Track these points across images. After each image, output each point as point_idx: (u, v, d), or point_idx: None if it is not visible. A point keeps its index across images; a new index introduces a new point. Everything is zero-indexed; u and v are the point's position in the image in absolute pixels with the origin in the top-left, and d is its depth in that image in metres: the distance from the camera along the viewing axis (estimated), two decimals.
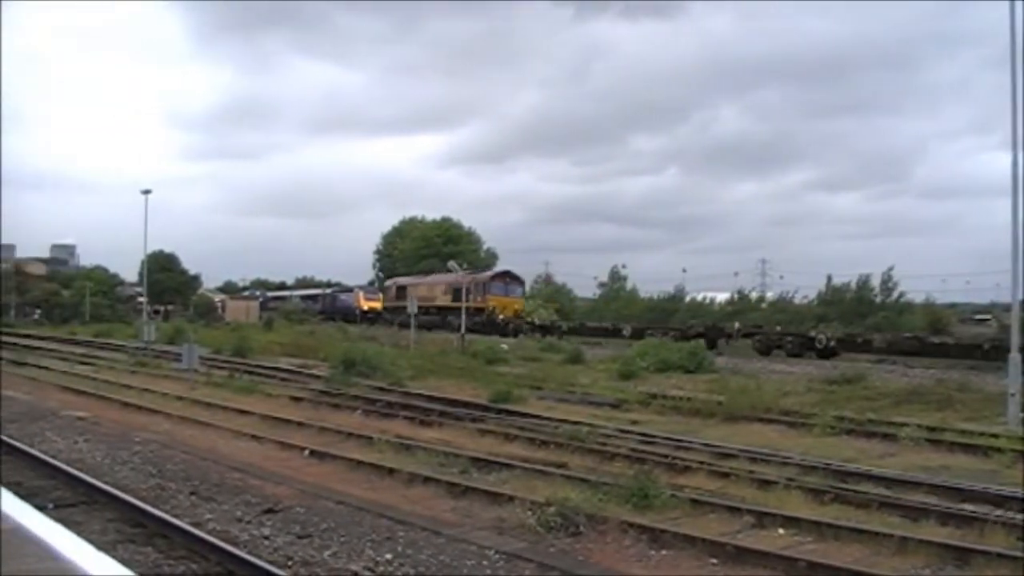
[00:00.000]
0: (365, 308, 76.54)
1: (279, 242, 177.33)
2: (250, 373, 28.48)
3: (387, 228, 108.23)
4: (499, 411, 20.30)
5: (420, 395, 23.44)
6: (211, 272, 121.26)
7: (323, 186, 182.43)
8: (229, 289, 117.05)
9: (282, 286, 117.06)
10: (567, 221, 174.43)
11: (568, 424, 17.54)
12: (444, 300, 62.03)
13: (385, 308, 71.22)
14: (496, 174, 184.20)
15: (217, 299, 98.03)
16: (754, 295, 72.92)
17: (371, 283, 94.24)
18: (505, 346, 40.26)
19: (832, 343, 41.04)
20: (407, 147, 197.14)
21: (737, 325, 47.60)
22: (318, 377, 27.75)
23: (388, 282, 78.03)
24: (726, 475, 12.80)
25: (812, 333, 43.21)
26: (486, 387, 24.06)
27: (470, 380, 26.89)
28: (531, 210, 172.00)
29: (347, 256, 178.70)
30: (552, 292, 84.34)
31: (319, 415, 19.40)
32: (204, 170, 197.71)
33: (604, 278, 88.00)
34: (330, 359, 30.94)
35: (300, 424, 17.65)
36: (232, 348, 37.75)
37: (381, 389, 24.68)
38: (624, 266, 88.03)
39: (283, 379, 27.72)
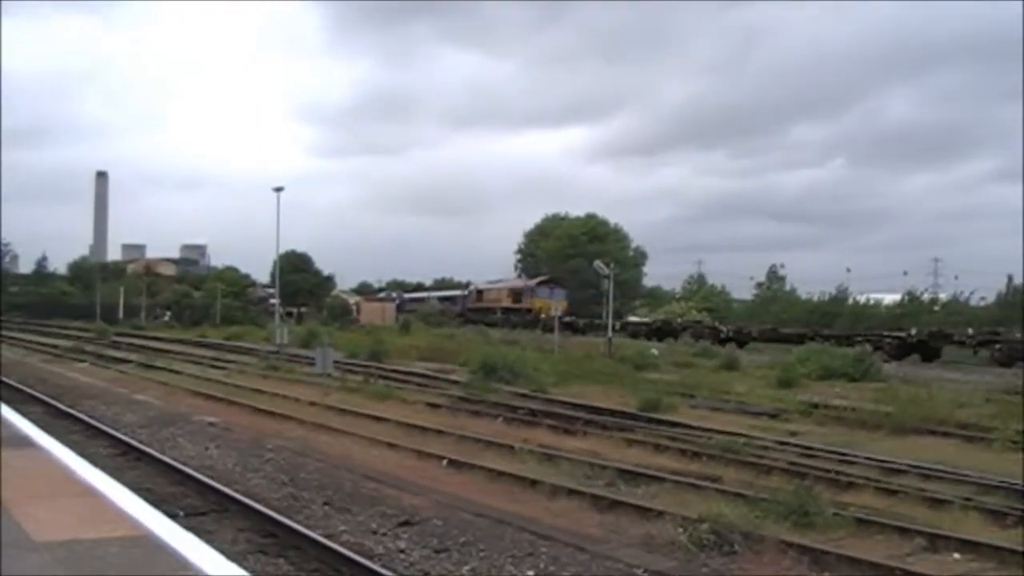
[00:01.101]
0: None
1: (416, 241, 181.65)
2: (385, 378, 28.99)
3: (530, 226, 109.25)
4: (648, 420, 20.25)
5: (564, 402, 23.52)
6: (346, 273, 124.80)
7: (464, 182, 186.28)
8: (364, 290, 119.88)
9: (419, 287, 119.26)
10: (722, 217, 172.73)
11: (722, 435, 17.34)
12: (507, 302, 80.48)
13: (469, 310, 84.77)
14: (647, 168, 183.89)
15: (352, 301, 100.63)
16: (926, 296, 70.09)
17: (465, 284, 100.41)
18: (655, 351, 40.17)
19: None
20: (554, 140, 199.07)
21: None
22: (456, 383, 28.12)
23: (470, 287, 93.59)
24: (895, 493, 12.48)
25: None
26: (634, 394, 24.01)
27: (617, 387, 26.89)
28: (683, 206, 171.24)
29: (488, 256, 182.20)
30: (706, 293, 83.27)
31: (457, 422, 19.62)
32: (340, 167, 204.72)
33: (761, 278, 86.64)
34: (469, 364, 31.37)
35: (438, 432, 17.89)
36: (367, 352, 38.47)
37: (523, 396, 24.84)
38: (782, 265, 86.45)
39: (420, 384, 28.14)
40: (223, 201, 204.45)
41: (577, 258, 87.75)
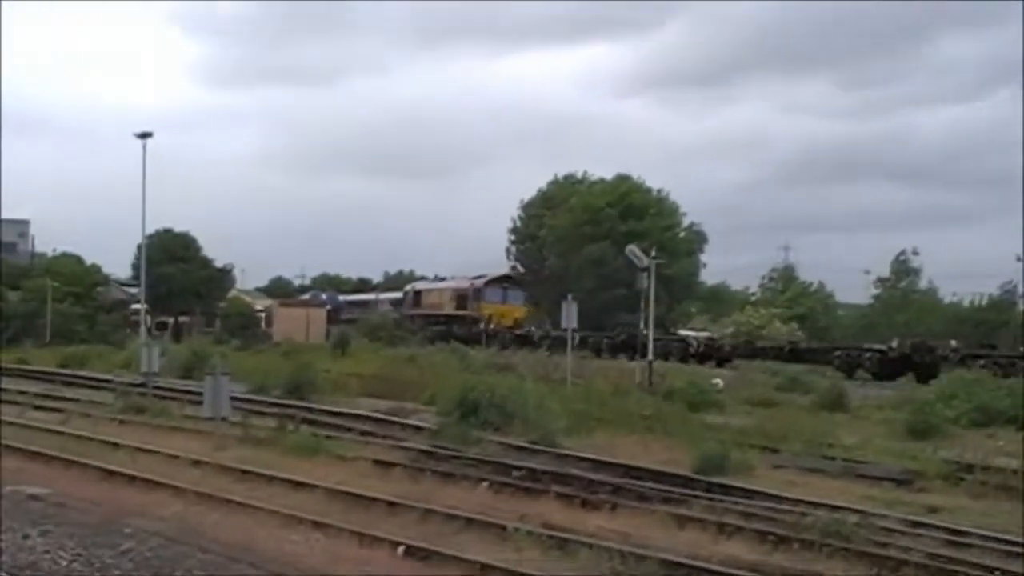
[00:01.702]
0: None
1: (361, 217, 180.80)
2: (311, 423, 29.06)
3: (531, 193, 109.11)
4: (709, 486, 20.29)
5: (582, 459, 23.59)
6: (251, 264, 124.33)
7: (432, 128, 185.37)
8: (279, 290, 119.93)
9: (363, 286, 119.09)
10: (821, 180, 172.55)
11: (822, 510, 17.34)
12: (449, 308, 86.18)
13: (407, 318, 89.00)
14: (707, 105, 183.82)
15: (260, 305, 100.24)
16: None
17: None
18: (719, 382, 40.14)
19: None
20: (565, 64, 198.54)
21: None
22: (419, 429, 28.27)
23: (407, 287, 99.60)
24: None
25: None
26: (688, 447, 24.10)
27: (662, 435, 27.02)
28: (763, 163, 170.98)
29: (467, 239, 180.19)
30: (797, 294, 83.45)
31: (421, 490, 19.63)
32: (243, 101, 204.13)
33: (883, 271, 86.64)
34: (440, 400, 31.49)
35: (390, 505, 17.89)
36: (284, 383, 38.44)
37: (519, 449, 24.97)
38: (915, 251, 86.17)
39: (364, 432, 28.18)
40: (59, 155, 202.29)
41: (600, 241, 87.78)
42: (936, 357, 51.47)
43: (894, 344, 52.70)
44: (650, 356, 44.28)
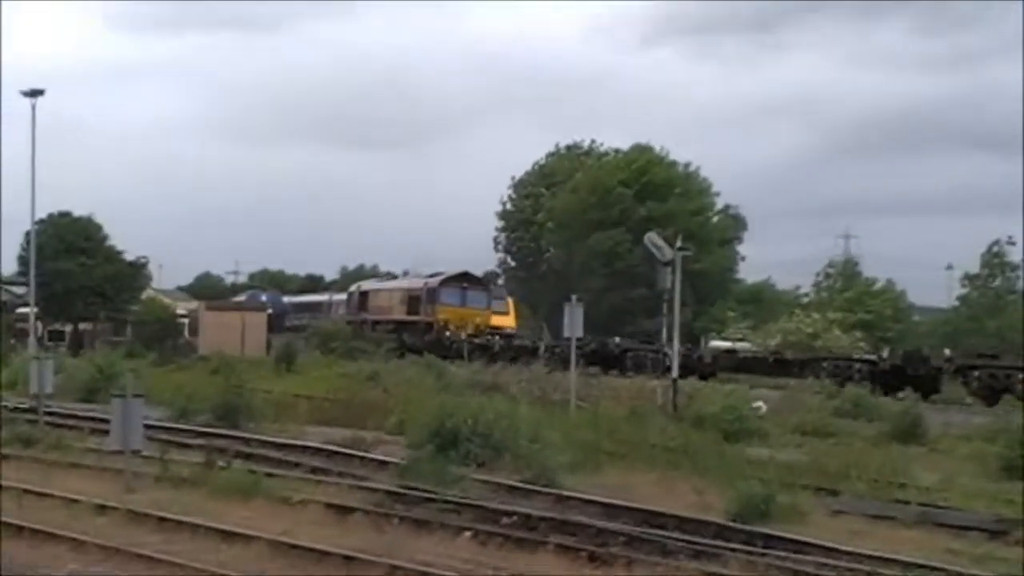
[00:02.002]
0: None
1: (311, 197, 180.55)
2: (248, 457, 29.23)
3: (525, 167, 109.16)
4: (749, 537, 20.32)
5: (589, 502, 23.65)
6: (172, 257, 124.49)
7: (402, 85, 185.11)
8: (207, 290, 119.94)
9: (314, 285, 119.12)
10: (893, 151, 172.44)
11: (894, 567, 17.41)
12: (399, 312, 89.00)
13: (353, 324, 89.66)
14: (751, 58, 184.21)
15: (182, 309, 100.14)
16: None
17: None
18: (761, 405, 40.21)
19: None
20: (569, 6, 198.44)
21: None
22: (385, 464, 28.38)
23: (352, 287, 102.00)
24: None
25: None
26: (723, 487, 24.24)
27: (690, 472, 27.13)
28: (819, 130, 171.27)
29: (445, 226, 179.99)
30: (860, 294, 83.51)
31: (386, 541, 19.65)
32: (160, 53, 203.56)
33: (971, 267, 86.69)
34: (410, 428, 31.69)
35: (347, 560, 17.89)
36: (214, 407, 38.29)
37: (512, 489, 25.08)
38: (1011, 241, 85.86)
39: (316, 469, 28.21)
40: None
41: (612, 228, 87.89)
42: (931, 369, 54.19)
43: (884, 354, 55.76)
44: (674, 373, 44.19)
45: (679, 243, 49.06)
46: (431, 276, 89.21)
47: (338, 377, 52.84)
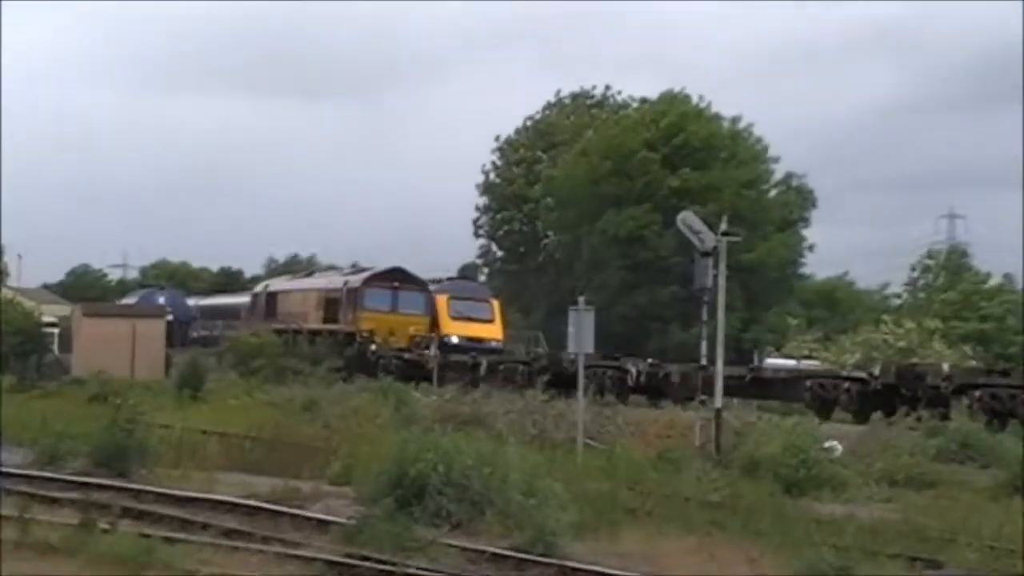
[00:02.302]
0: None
1: (230, 166, 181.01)
2: (140, 516, 28.39)
3: (514, 123, 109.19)
4: None
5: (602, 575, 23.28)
6: (37, 246, 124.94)
7: (352, 17, 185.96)
8: (82, 289, 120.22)
9: (230, 283, 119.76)
10: (1015, 99, 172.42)
11: None
12: (314, 319, 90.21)
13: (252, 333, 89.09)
14: None
15: (51, 315, 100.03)
16: None
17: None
18: (835, 444, 40.37)
19: None
20: None
21: None
22: (327, 525, 27.65)
23: (258, 287, 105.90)
24: None
25: None
26: (784, 556, 24.04)
27: (739, 536, 26.94)
28: (913, 72, 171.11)
29: (410, 203, 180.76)
30: (970, 294, 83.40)
31: None
32: None
33: None
34: (361, 476, 31.48)
35: None
36: (93, 448, 37.26)
37: (498, 558, 24.76)
38: None
39: (231, 532, 27.47)
40: None
41: (632, 205, 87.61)
42: (928, 388, 53.72)
43: (876, 371, 55.37)
44: (718, 402, 43.36)
45: (724, 226, 48.02)
46: (353, 272, 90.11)
47: (262, 407, 53.32)
